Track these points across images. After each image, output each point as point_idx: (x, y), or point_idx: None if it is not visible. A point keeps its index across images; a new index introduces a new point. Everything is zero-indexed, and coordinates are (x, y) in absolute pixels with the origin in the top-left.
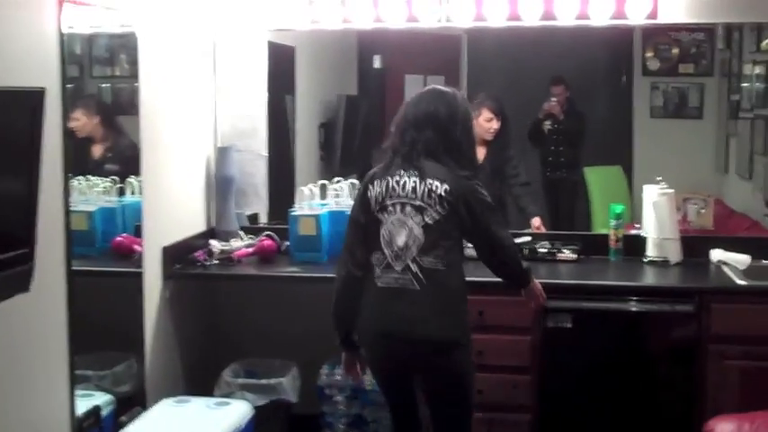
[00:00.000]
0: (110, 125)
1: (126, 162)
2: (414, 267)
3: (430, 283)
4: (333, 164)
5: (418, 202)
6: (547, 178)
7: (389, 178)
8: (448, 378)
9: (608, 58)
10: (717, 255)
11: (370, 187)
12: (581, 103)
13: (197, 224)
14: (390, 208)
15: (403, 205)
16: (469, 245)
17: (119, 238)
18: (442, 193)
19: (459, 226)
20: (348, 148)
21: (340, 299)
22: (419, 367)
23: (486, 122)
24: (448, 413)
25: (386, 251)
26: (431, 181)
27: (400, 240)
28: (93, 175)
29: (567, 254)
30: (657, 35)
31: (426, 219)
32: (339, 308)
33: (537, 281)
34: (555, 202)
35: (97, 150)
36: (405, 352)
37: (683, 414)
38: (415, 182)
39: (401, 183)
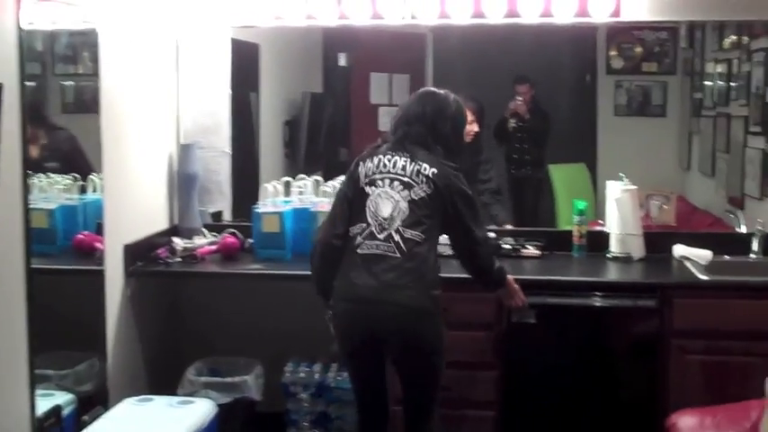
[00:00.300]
0: (40, 123)
1: (66, 158)
2: (396, 237)
3: (411, 253)
4: (297, 161)
5: (407, 179)
6: (512, 176)
7: (381, 156)
8: (416, 346)
9: (572, 57)
10: (679, 250)
11: (361, 164)
12: (546, 101)
13: (159, 222)
14: (379, 182)
15: (392, 180)
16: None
17: (80, 236)
18: (430, 175)
19: (441, 210)
20: (313, 145)
21: (318, 268)
22: (388, 331)
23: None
24: (415, 386)
25: (370, 221)
26: (421, 162)
27: (386, 211)
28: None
29: (530, 250)
30: (621, 34)
31: (413, 195)
32: (319, 278)
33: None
34: (520, 199)
35: (33, 151)
36: (376, 315)
37: (646, 408)
38: (405, 161)
39: (392, 161)
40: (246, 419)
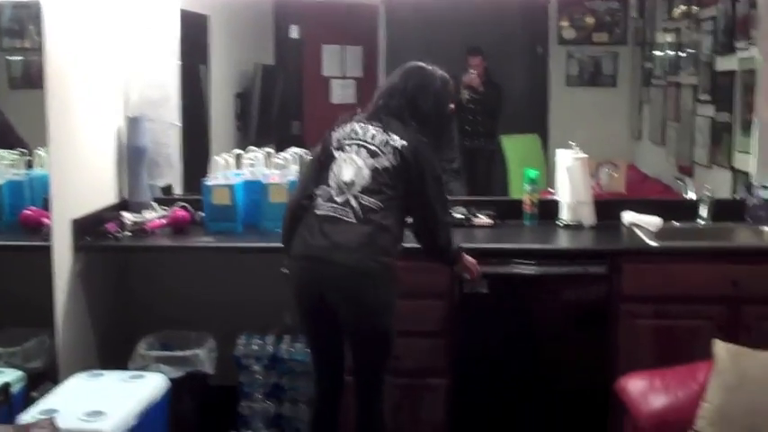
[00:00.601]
0: None
1: None
2: (353, 202)
3: (366, 219)
4: (249, 134)
5: (374, 147)
6: (465, 147)
7: (355, 123)
8: (359, 308)
9: (524, 28)
10: (629, 217)
11: (336, 129)
12: (498, 72)
13: (108, 196)
14: (347, 147)
15: (359, 146)
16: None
17: (26, 212)
18: (399, 146)
19: (405, 183)
20: (265, 118)
21: (286, 227)
22: (334, 291)
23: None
24: (362, 351)
25: (332, 184)
26: (392, 134)
27: (347, 176)
28: None
29: (482, 219)
30: (572, 4)
31: (377, 163)
32: (284, 238)
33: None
34: (472, 170)
35: None
36: (323, 274)
37: (598, 374)
38: (377, 131)
39: (364, 128)
40: (199, 393)
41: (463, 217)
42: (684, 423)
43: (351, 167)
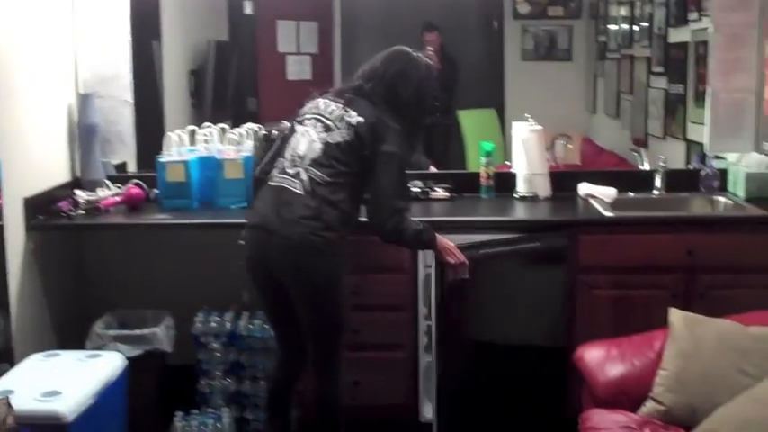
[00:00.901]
0: None
1: None
2: (303, 175)
3: (313, 193)
4: (204, 111)
5: (329, 122)
6: None
7: (320, 99)
8: (304, 282)
9: (479, 3)
10: (584, 189)
11: (305, 104)
12: (454, 48)
13: (61, 174)
14: (306, 121)
15: (317, 120)
16: None
17: None
18: (354, 123)
19: (359, 162)
20: (220, 94)
21: (252, 201)
22: (276, 261)
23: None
24: (309, 324)
25: (287, 156)
26: (350, 111)
27: (301, 149)
28: None
29: (439, 193)
30: None
31: (329, 138)
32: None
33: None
34: (429, 145)
35: None
36: (268, 244)
37: (557, 344)
38: (336, 107)
39: (327, 104)
40: (158, 371)
41: (419, 190)
42: (641, 391)
43: (305, 140)
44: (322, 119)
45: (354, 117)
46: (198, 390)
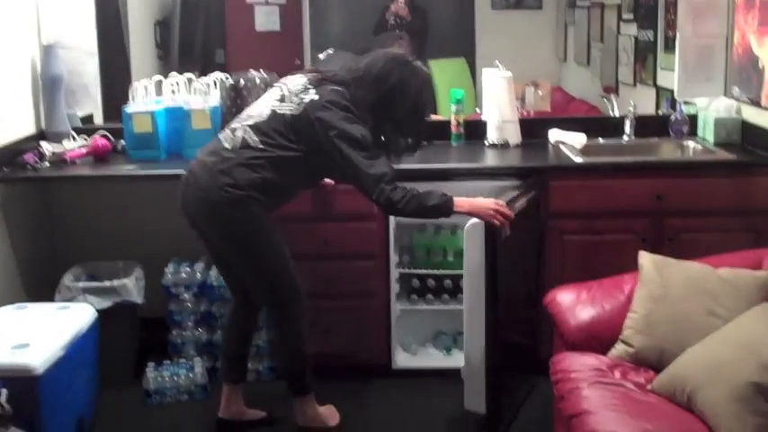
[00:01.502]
0: None
1: None
2: (239, 132)
3: (238, 152)
4: (171, 62)
5: (286, 93)
6: None
7: (299, 73)
8: (220, 234)
9: None
10: (554, 135)
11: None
12: None
13: (25, 126)
14: (272, 88)
15: (279, 89)
16: None
17: None
18: (306, 100)
19: (309, 139)
20: (187, 46)
21: None
22: (197, 217)
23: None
24: (246, 278)
25: (243, 113)
26: (311, 90)
27: (252, 110)
28: None
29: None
30: None
31: (278, 108)
32: None
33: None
34: None
35: None
36: (187, 197)
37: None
38: (304, 84)
39: (299, 77)
40: (129, 323)
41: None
42: (611, 333)
43: (259, 104)
44: (282, 88)
45: (309, 95)
46: (170, 341)
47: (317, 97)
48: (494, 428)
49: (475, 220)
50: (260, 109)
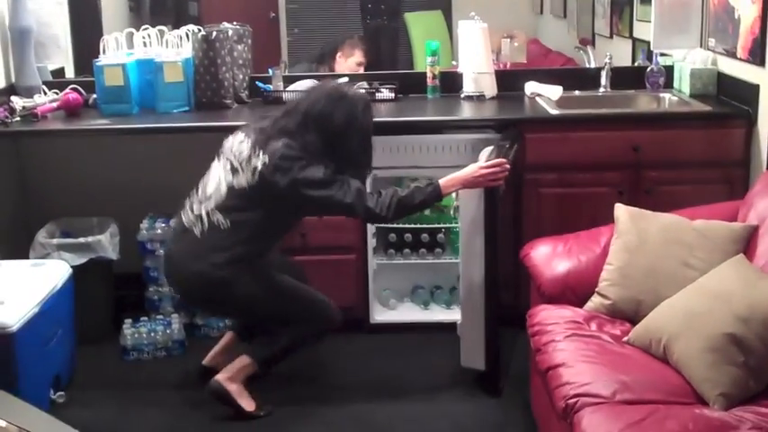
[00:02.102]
0: None
1: None
2: (205, 217)
3: (210, 235)
4: (143, 15)
5: (236, 164)
6: (368, 25)
7: (240, 133)
8: (215, 309)
9: None
10: (531, 87)
11: (235, 134)
12: None
13: None
14: (222, 158)
15: (227, 160)
16: None
17: None
18: (259, 165)
19: (269, 201)
20: None
21: None
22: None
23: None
24: (255, 322)
25: (198, 192)
26: (259, 150)
27: (209, 189)
28: None
29: (384, 93)
30: None
31: (234, 182)
32: None
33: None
34: (376, 49)
35: None
36: (175, 279)
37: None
38: (249, 147)
39: (241, 142)
40: (104, 279)
41: (364, 91)
42: (587, 286)
43: (214, 180)
44: (231, 160)
45: (260, 159)
46: (146, 297)
47: (267, 160)
48: (494, 384)
49: None
50: (216, 187)
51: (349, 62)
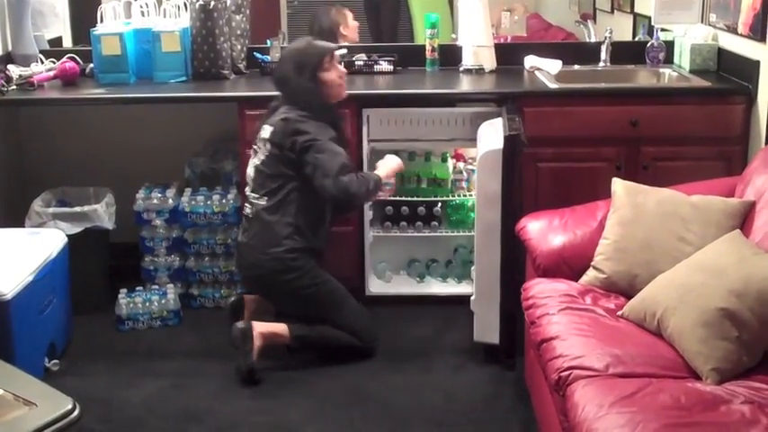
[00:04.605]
0: None
1: None
2: (251, 206)
3: (257, 218)
4: None
5: (255, 145)
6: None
7: (264, 120)
8: (271, 297)
9: None
10: (530, 61)
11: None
12: None
13: None
14: (255, 147)
15: (256, 145)
16: None
17: None
18: (268, 136)
19: (288, 167)
20: None
21: None
22: (251, 281)
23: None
24: (307, 315)
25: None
26: (267, 126)
27: (248, 177)
28: None
29: (383, 65)
30: None
31: (257, 161)
32: None
33: (382, 171)
34: (376, 22)
35: None
36: (244, 271)
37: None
38: (263, 127)
39: (264, 126)
40: (100, 249)
41: (363, 63)
42: (583, 260)
43: (249, 168)
44: (256, 143)
45: (267, 130)
46: (142, 267)
47: (271, 128)
48: (510, 356)
49: (490, 147)
50: (249, 173)
51: (351, 29)
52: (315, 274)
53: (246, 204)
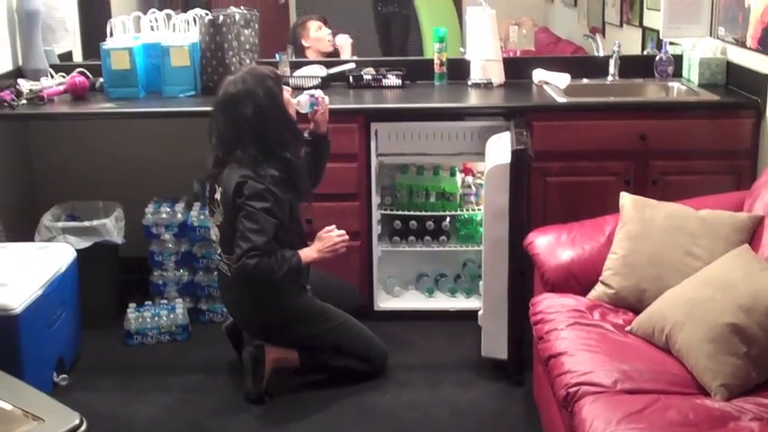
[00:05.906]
0: None
1: None
2: (223, 264)
3: (233, 276)
4: None
5: (211, 206)
6: (379, 13)
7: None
8: (280, 343)
9: None
10: (538, 75)
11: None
12: None
13: (2, 63)
14: (209, 208)
15: (209, 206)
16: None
17: None
18: (219, 197)
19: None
20: None
21: None
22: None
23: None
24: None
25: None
26: (218, 186)
27: (214, 236)
28: None
29: (392, 79)
30: None
31: (215, 221)
32: None
33: (314, 248)
34: (387, 36)
35: None
36: (240, 325)
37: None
38: (216, 187)
39: (210, 186)
40: (109, 263)
41: (371, 77)
42: (591, 274)
43: (213, 232)
44: (209, 205)
45: (217, 191)
46: (151, 281)
47: (222, 190)
48: (518, 372)
49: (498, 162)
50: (215, 234)
51: (314, 39)
52: (315, 318)
53: (221, 263)
